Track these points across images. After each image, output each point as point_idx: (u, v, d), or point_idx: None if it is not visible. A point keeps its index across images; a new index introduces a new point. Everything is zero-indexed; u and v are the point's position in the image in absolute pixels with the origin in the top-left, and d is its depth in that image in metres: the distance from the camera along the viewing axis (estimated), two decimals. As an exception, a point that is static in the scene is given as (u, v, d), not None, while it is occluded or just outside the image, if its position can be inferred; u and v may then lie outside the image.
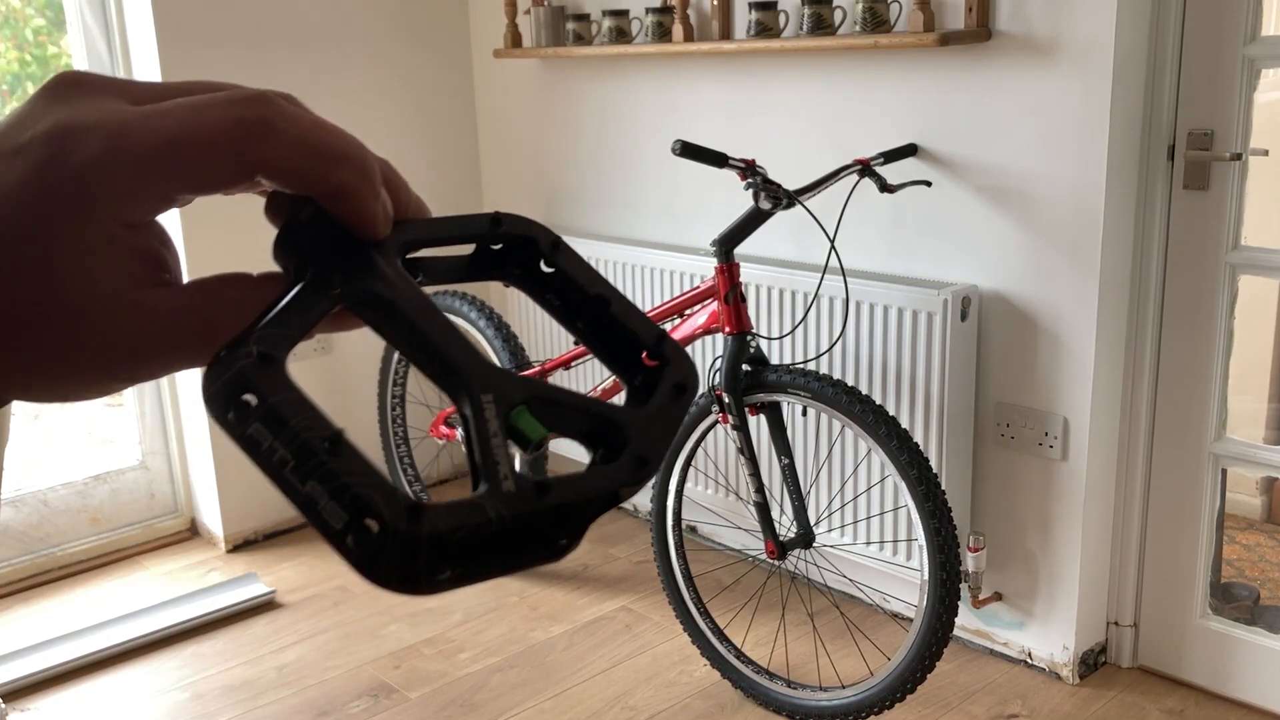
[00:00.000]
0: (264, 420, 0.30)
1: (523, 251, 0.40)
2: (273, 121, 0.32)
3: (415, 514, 0.30)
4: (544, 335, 3.17)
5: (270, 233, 0.37)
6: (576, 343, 0.39)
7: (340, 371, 3.26)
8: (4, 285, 0.31)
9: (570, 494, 0.33)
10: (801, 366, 2.39)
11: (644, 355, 0.39)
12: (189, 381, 3.07)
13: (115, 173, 0.31)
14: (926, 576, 2.09)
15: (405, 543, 0.29)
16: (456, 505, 0.30)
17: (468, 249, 0.41)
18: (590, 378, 2.87)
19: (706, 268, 2.57)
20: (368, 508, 0.30)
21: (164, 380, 3.15)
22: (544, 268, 0.40)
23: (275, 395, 0.31)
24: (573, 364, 2.70)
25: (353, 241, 0.35)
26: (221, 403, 0.31)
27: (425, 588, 0.30)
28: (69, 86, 0.33)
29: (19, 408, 2.91)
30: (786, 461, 2.29)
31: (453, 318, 2.93)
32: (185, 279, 0.36)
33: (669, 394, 0.38)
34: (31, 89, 2.93)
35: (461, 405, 0.34)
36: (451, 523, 0.30)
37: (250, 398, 0.31)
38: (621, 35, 2.84)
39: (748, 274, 2.50)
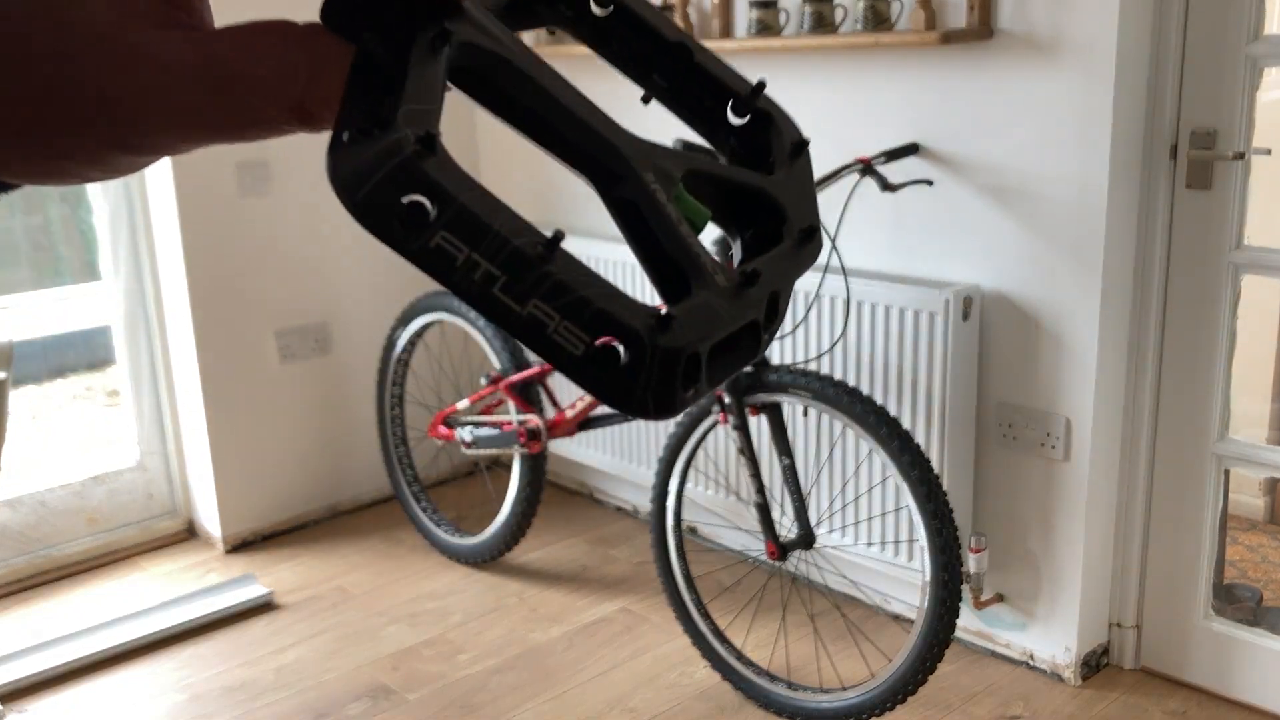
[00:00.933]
0: (454, 227, 0.24)
1: None
2: None
3: (665, 325, 0.25)
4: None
5: None
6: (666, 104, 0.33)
7: (338, 371, 3.25)
8: None
9: (777, 278, 0.28)
10: (802, 367, 2.38)
11: (730, 112, 0.33)
12: (187, 380, 3.06)
13: None
14: (928, 578, 2.08)
15: (664, 360, 0.25)
16: (694, 310, 0.26)
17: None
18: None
19: (707, 267, 2.56)
20: (614, 324, 0.24)
21: (162, 379, 3.14)
22: (595, 9, 0.32)
23: (463, 193, 0.24)
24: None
25: None
26: (382, 209, 0.24)
27: (679, 408, 0.26)
28: None
29: (15, 409, 2.87)
30: (787, 462, 2.28)
31: (449, 317, 2.91)
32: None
33: (788, 156, 0.32)
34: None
35: (616, 188, 0.28)
36: (700, 331, 0.26)
37: (422, 199, 0.24)
38: (621, 34, 2.83)
39: (748, 274, 2.48)
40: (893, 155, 2.32)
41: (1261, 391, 2.86)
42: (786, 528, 2.37)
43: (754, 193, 0.31)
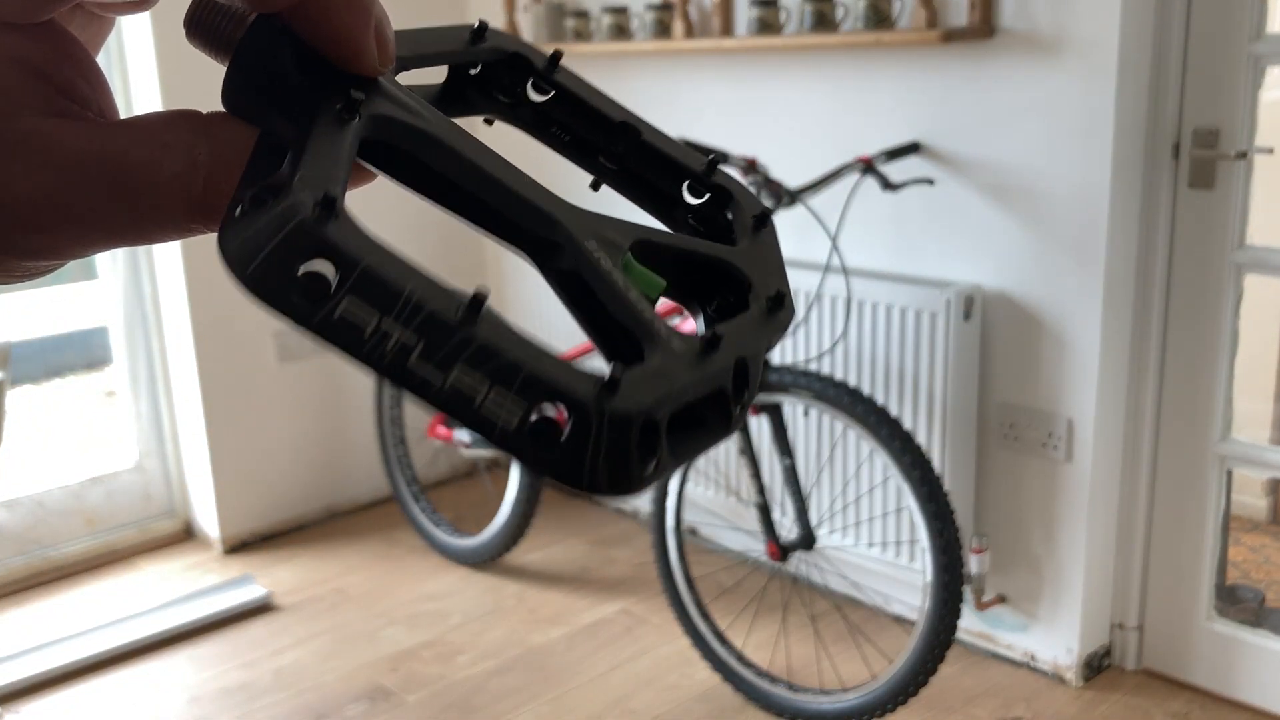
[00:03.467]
0: (360, 293, 0.22)
1: (513, 74, 0.31)
2: None
3: (611, 389, 0.22)
4: (542, 334, 3.15)
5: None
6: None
7: (334, 372, 3.24)
8: None
9: (743, 346, 0.26)
10: (803, 367, 2.37)
11: (685, 191, 0.31)
12: (185, 379, 3.05)
13: None
14: (929, 579, 2.07)
15: (615, 427, 0.22)
16: (644, 375, 0.24)
17: (440, 78, 0.31)
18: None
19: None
20: (553, 388, 0.22)
21: (160, 380, 3.13)
22: (533, 94, 0.31)
23: (367, 255, 0.22)
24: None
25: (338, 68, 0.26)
26: (278, 281, 0.22)
27: (637, 484, 0.23)
28: None
29: (12, 409, 2.87)
30: (788, 462, 2.27)
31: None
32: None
33: (750, 229, 0.30)
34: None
35: (555, 259, 0.26)
36: (653, 396, 0.23)
37: (323, 266, 0.22)
38: (621, 32, 2.82)
39: (749, 273, 2.48)
40: (894, 154, 2.32)
41: (1264, 392, 2.85)
42: (787, 528, 2.36)
43: (714, 263, 0.29)
